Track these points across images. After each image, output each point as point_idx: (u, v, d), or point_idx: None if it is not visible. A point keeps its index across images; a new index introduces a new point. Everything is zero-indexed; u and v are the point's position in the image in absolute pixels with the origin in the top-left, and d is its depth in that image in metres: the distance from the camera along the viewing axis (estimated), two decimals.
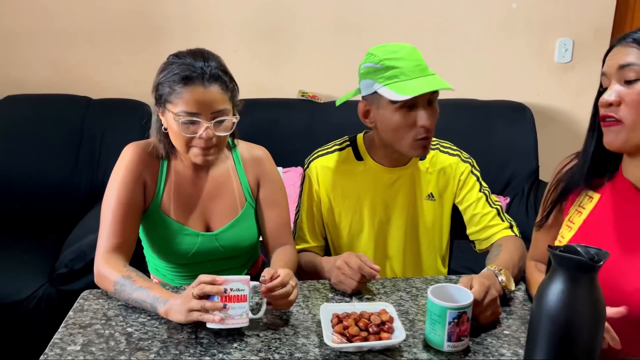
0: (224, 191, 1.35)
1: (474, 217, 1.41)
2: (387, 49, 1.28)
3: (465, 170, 1.42)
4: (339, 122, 2.55)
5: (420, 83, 1.24)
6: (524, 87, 2.76)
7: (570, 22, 2.72)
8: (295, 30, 2.65)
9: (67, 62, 2.60)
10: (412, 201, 1.42)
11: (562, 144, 2.82)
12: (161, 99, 1.20)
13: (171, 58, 1.22)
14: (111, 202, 1.25)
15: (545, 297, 0.82)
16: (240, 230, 1.36)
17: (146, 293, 1.10)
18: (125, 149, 1.30)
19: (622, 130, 0.97)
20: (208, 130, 1.18)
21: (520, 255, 1.30)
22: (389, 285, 1.27)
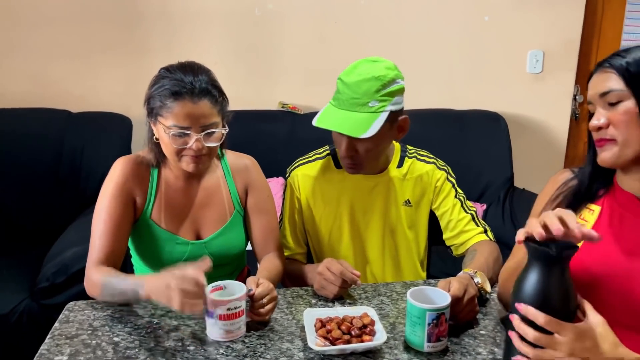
0: (213, 200, 1.38)
1: (449, 222, 1.46)
2: (356, 68, 1.30)
3: (441, 177, 1.47)
4: (319, 133, 2.55)
5: (335, 117, 1.29)
6: (498, 97, 2.83)
7: (541, 35, 2.82)
8: (275, 43, 2.69)
9: (47, 76, 2.60)
10: (390, 207, 1.46)
11: (535, 151, 2.93)
12: (152, 112, 1.24)
13: (162, 72, 1.25)
14: (101, 215, 1.28)
15: (521, 286, 0.90)
16: (229, 238, 1.39)
17: (130, 281, 1.15)
18: (115, 162, 1.33)
19: (613, 147, 1.03)
20: (197, 142, 1.22)
21: (494, 259, 1.35)
22: (370, 290, 1.30)
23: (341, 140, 1.33)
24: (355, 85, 1.28)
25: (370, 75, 1.27)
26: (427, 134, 2.56)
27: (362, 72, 1.29)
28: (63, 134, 2.45)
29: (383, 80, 1.28)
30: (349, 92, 1.28)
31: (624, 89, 0.99)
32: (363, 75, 1.28)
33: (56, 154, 2.42)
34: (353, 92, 1.28)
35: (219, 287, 1.11)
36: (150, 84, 1.25)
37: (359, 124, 1.27)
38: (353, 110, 1.28)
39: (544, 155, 2.94)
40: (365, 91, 1.27)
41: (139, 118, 2.50)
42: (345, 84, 1.29)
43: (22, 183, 2.37)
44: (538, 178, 2.87)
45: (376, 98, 1.28)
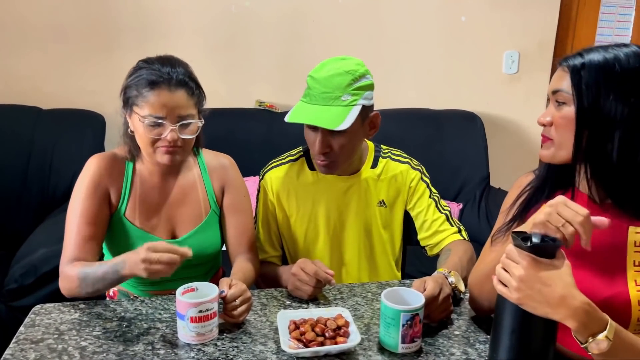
0: (189, 198, 1.36)
1: (424, 223, 1.46)
2: (325, 65, 1.30)
3: (415, 177, 1.47)
4: (296, 131, 2.53)
5: (308, 112, 1.28)
6: (474, 97, 2.86)
7: (516, 35, 2.85)
8: (251, 40, 2.66)
9: (16, 72, 2.53)
10: (365, 208, 1.46)
11: (510, 150, 2.95)
12: (128, 102, 1.23)
13: (140, 63, 1.25)
14: (75, 214, 1.25)
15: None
16: (204, 237, 1.36)
17: (108, 265, 1.15)
18: (89, 160, 1.31)
19: (551, 146, 1.06)
20: (172, 133, 1.21)
21: (468, 258, 1.35)
22: (345, 290, 1.29)
23: (314, 138, 1.32)
24: (326, 80, 1.27)
25: (341, 69, 1.28)
26: (404, 133, 2.58)
27: (331, 68, 1.29)
28: (33, 131, 2.39)
29: (354, 74, 1.28)
30: (320, 87, 1.28)
31: (570, 92, 1.01)
32: (334, 70, 1.28)
33: (25, 152, 2.36)
34: (324, 86, 1.27)
35: (190, 289, 1.08)
36: (128, 74, 1.24)
37: (333, 117, 1.26)
38: (326, 105, 1.27)
39: (520, 154, 2.97)
40: (337, 85, 1.27)
41: (112, 116, 2.49)
42: (315, 79, 1.29)
43: None
44: (513, 177, 2.83)
45: (348, 92, 1.28)
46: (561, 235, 0.88)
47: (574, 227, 0.87)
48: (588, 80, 0.99)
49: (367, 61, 1.36)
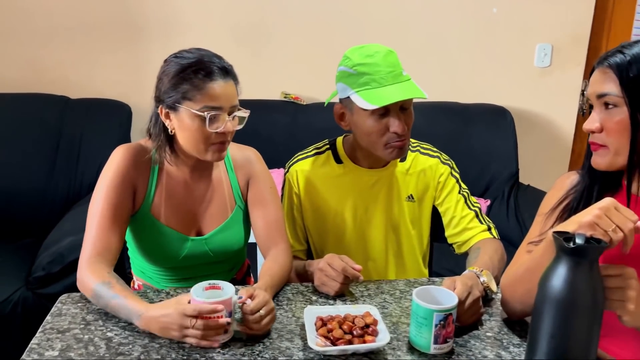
0: (215, 195, 1.33)
1: (452, 219, 1.42)
2: (362, 53, 1.28)
3: (444, 171, 1.43)
4: (322, 124, 2.54)
5: (391, 91, 1.25)
6: (504, 91, 2.78)
7: (549, 28, 2.76)
8: (278, 30, 2.64)
9: (45, 61, 2.55)
10: (392, 203, 1.42)
11: (541, 146, 2.88)
12: (175, 98, 1.16)
13: (177, 58, 1.18)
14: (99, 205, 1.21)
15: (549, 281, 0.86)
16: (230, 234, 1.34)
17: (121, 304, 1.06)
18: (115, 150, 1.26)
19: (607, 154, 0.99)
20: (228, 124, 1.18)
21: (499, 257, 1.31)
22: (373, 287, 1.26)
23: (392, 120, 1.28)
24: (383, 61, 1.27)
25: (384, 50, 1.29)
26: (431, 127, 2.51)
27: (370, 52, 1.28)
28: (61, 120, 2.41)
29: (394, 52, 1.30)
30: (382, 69, 1.26)
31: (620, 94, 0.94)
32: (379, 52, 1.28)
33: (53, 141, 2.38)
34: (386, 66, 1.27)
35: (216, 287, 1.05)
36: (168, 72, 1.18)
37: (412, 89, 1.28)
38: (397, 82, 1.27)
39: (550, 151, 2.90)
40: (395, 62, 1.29)
41: (138, 105, 2.51)
42: (373, 64, 1.26)
43: (18, 170, 2.33)
44: (544, 174, 2.85)
45: (402, 67, 1.30)
46: (608, 239, 0.83)
47: (624, 232, 0.83)
48: (638, 78, 0.93)
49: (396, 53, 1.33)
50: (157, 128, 1.24)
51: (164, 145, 1.24)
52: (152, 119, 1.25)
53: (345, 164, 1.41)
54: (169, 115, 1.20)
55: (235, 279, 1.45)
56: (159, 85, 1.20)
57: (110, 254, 1.19)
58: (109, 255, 1.19)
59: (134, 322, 1.05)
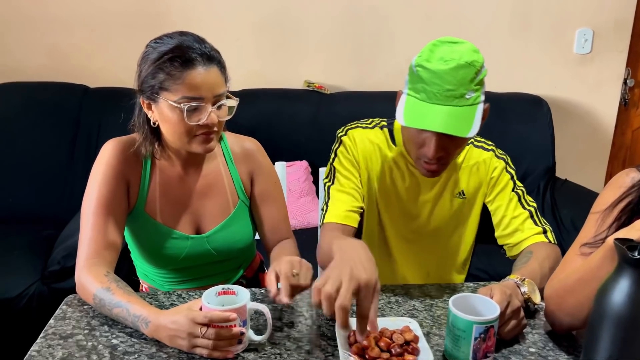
0: (214, 189, 1.24)
1: (503, 219, 1.28)
2: (438, 53, 1.09)
3: (498, 166, 1.30)
4: (347, 114, 2.43)
5: (433, 113, 1.07)
6: (540, 79, 2.64)
7: (590, 12, 2.60)
8: (301, 17, 2.53)
9: (64, 49, 2.50)
10: (441, 198, 1.30)
11: (579, 139, 2.73)
12: (153, 89, 1.07)
13: (157, 44, 1.09)
14: (92, 203, 1.12)
15: (608, 295, 0.76)
16: (233, 231, 1.25)
17: (126, 310, 0.98)
18: (105, 144, 1.18)
19: None
20: (212, 115, 1.07)
21: (551, 265, 1.17)
22: (401, 292, 1.16)
23: (427, 140, 1.12)
24: (447, 75, 1.06)
25: (462, 60, 1.07)
26: None
27: (448, 57, 1.07)
28: (79, 109, 2.36)
29: (476, 66, 1.08)
30: (440, 82, 1.07)
31: None
32: (455, 62, 1.06)
33: (72, 130, 2.34)
34: (447, 82, 1.06)
35: (231, 292, 0.96)
36: (145, 59, 1.09)
37: (461, 120, 1.06)
38: (449, 105, 1.07)
39: (590, 143, 2.74)
40: (461, 80, 1.07)
41: None
42: (434, 73, 1.07)
43: (36, 160, 2.30)
44: (582, 168, 2.70)
45: (471, 88, 1.08)
46: None
47: None
48: None
49: (424, 40, 1.19)
50: (140, 119, 1.15)
51: (148, 137, 1.15)
52: (135, 110, 1.16)
53: (398, 147, 1.28)
54: (150, 106, 1.11)
55: (246, 277, 1.36)
56: (138, 73, 1.10)
57: (109, 254, 1.11)
58: (107, 255, 1.11)
59: (141, 330, 0.97)
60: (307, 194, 2.37)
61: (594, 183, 2.67)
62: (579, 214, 2.21)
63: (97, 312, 1.05)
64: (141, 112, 1.14)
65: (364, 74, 2.57)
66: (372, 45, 2.52)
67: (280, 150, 2.35)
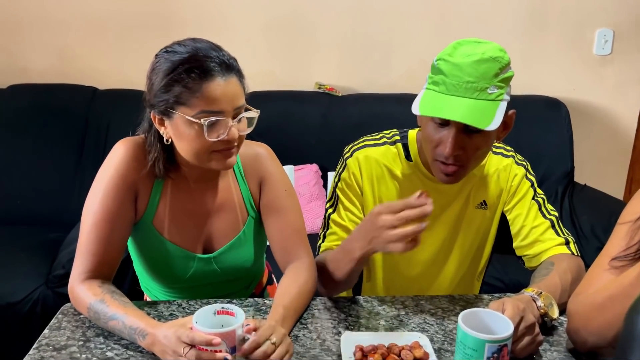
0: (225, 206, 1.16)
1: (522, 228, 1.21)
2: (461, 49, 1.06)
3: (519, 173, 1.23)
4: (358, 116, 2.40)
5: (451, 103, 1.03)
6: (558, 81, 2.56)
7: (611, 11, 2.52)
8: (312, 18, 2.48)
9: (73, 51, 2.48)
10: (462, 210, 1.23)
11: (599, 142, 2.65)
12: (167, 103, 0.97)
13: (167, 52, 0.99)
14: (94, 213, 1.04)
15: None
16: (242, 251, 1.18)
17: (122, 323, 0.94)
18: (117, 146, 1.08)
19: None
20: (233, 130, 0.98)
21: (573, 279, 1.10)
22: (411, 305, 1.10)
23: (445, 136, 1.06)
24: (470, 67, 1.02)
25: (487, 55, 1.02)
26: None
27: (472, 52, 1.03)
28: (88, 111, 2.34)
29: (501, 62, 1.03)
30: (461, 74, 1.02)
31: None
32: (477, 55, 1.02)
33: (81, 132, 2.32)
34: (468, 74, 1.02)
35: (230, 312, 0.89)
36: (158, 70, 0.98)
37: (481, 113, 1.01)
38: (469, 97, 1.02)
39: (610, 147, 2.65)
40: (483, 74, 1.02)
41: None
42: (455, 65, 1.03)
43: (44, 163, 2.28)
44: (602, 173, 2.62)
45: (494, 83, 1.02)
46: None
47: None
48: None
49: (437, 41, 1.14)
50: (151, 136, 1.05)
51: (162, 156, 1.05)
52: (143, 125, 1.07)
53: (415, 162, 1.22)
54: (163, 121, 1.01)
55: (254, 294, 1.29)
56: (149, 87, 1.01)
57: (107, 270, 1.05)
58: (105, 271, 1.05)
59: (138, 342, 0.92)
60: (317, 197, 2.32)
61: (615, 188, 2.59)
62: (599, 221, 2.13)
63: (94, 322, 1.01)
64: (152, 128, 1.05)
65: (376, 75, 2.52)
66: (385, 45, 2.46)
67: (290, 153, 2.31)
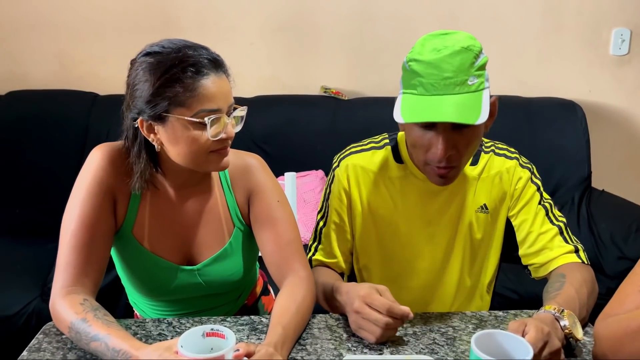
0: (208, 216, 1.10)
1: (529, 235, 1.14)
2: (430, 44, 1.01)
3: (524, 176, 1.17)
4: (365, 121, 2.32)
5: (433, 104, 0.97)
6: (574, 83, 2.47)
7: (628, 10, 2.43)
8: (317, 20, 2.41)
9: (73, 57, 2.43)
10: (461, 215, 1.17)
11: (617, 146, 2.55)
12: (161, 107, 0.93)
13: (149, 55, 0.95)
14: (72, 221, 0.99)
15: None
16: (228, 264, 1.11)
17: (104, 344, 0.87)
18: (94, 151, 1.03)
19: None
20: (229, 127, 0.97)
21: (589, 291, 1.03)
22: (419, 323, 1.02)
23: (434, 139, 1.01)
24: (444, 62, 0.97)
25: (458, 46, 0.98)
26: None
27: (441, 45, 0.98)
28: (88, 117, 2.29)
29: (474, 50, 0.99)
30: (437, 72, 0.97)
31: None
32: (449, 49, 0.98)
33: (80, 139, 2.26)
34: (444, 70, 0.97)
35: (220, 335, 0.81)
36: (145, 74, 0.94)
37: (467, 107, 0.97)
38: (451, 93, 0.97)
39: (628, 151, 2.55)
40: (459, 66, 0.97)
41: None
42: (428, 63, 0.98)
43: (43, 170, 2.22)
44: (620, 178, 2.52)
45: (473, 73, 0.98)
46: None
47: None
48: None
49: None
50: (136, 147, 0.99)
51: (147, 168, 1.00)
52: (126, 136, 1.01)
53: (406, 164, 1.17)
54: (153, 128, 0.97)
55: (246, 306, 1.22)
56: (134, 94, 0.96)
57: (90, 281, 0.98)
58: (87, 282, 0.98)
59: None
60: None
61: (635, 194, 2.48)
62: (618, 229, 2.03)
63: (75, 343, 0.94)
64: (137, 138, 0.99)
65: (384, 78, 2.44)
66: (393, 47, 2.38)
67: (295, 159, 2.24)
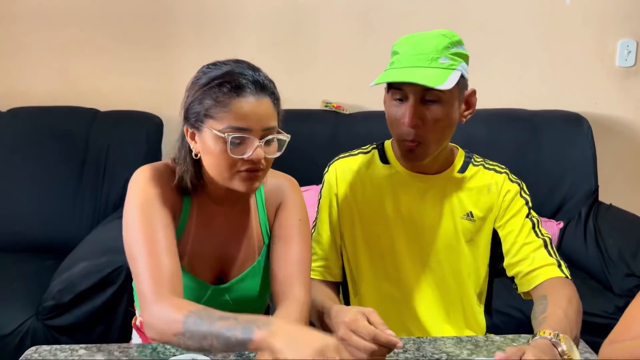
0: (243, 234, 1.11)
1: (513, 245, 1.15)
2: (408, 37, 1.13)
3: (512, 189, 1.18)
4: (366, 135, 2.28)
5: (402, 72, 1.08)
6: (580, 95, 2.46)
7: (634, 21, 2.42)
8: (318, 34, 2.42)
9: (74, 73, 2.44)
10: (446, 217, 1.17)
11: (625, 159, 2.53)
12: (198, 116, 0.98)
13: (208, 68, 1.02)
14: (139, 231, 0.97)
15: None
16: (254, 282, 1.11)
17: (234, 321, 0.84)
18: (138, 172, 1.04)
19: None
20: (258, 150, 0.96)
21: (575, 309, 1.01)
22: (412, 348, 0.98)
23: (403, 109, 1.09)
24: (420, 43, 1.09)
25: (436, 33, 1.11)
26: (493, 138, 2.24)
27: (422, 35, 1.11)
28: (88, 133, 2.29)
29: (451, 38, 1.11)
30: (412, 49, 1.09)
31: None
32: (427, 35, 1.10)
33: (81, 155, 2.26)
34: (419, 47, 1.08)
35: None
36: (194, 83, 1.01)
37: (433, 76, 1.05)
38: (421, 66, 1.07)
39: (636, 164, 2.52)
40: (435, 46, 1.08)
41: (171, 117, 2.34)
42: (406, 43, 1.11)
43: (44, 186, 2.22)
44: (628, 192, 2.49)
45: (446, 55, 1.08)
46: None
47: None
48: None
49: None
50: (182, 151, 1.04)
51: (190, 171, 1.03)
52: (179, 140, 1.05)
53: (392, 165, 1.21)
54: (194, 135, 1.01)
55: None
56: (185, 99, 1.02)
57: (178, 283, 0.96)
58: (177, 285, 0.95)
59: (254, 334, 0.81)
60: None
61: None
62: (627, 244, 1.98)
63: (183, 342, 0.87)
64: (184, 142, 1.03)
65: None
66: None
67: (296, 174, 2.14)
